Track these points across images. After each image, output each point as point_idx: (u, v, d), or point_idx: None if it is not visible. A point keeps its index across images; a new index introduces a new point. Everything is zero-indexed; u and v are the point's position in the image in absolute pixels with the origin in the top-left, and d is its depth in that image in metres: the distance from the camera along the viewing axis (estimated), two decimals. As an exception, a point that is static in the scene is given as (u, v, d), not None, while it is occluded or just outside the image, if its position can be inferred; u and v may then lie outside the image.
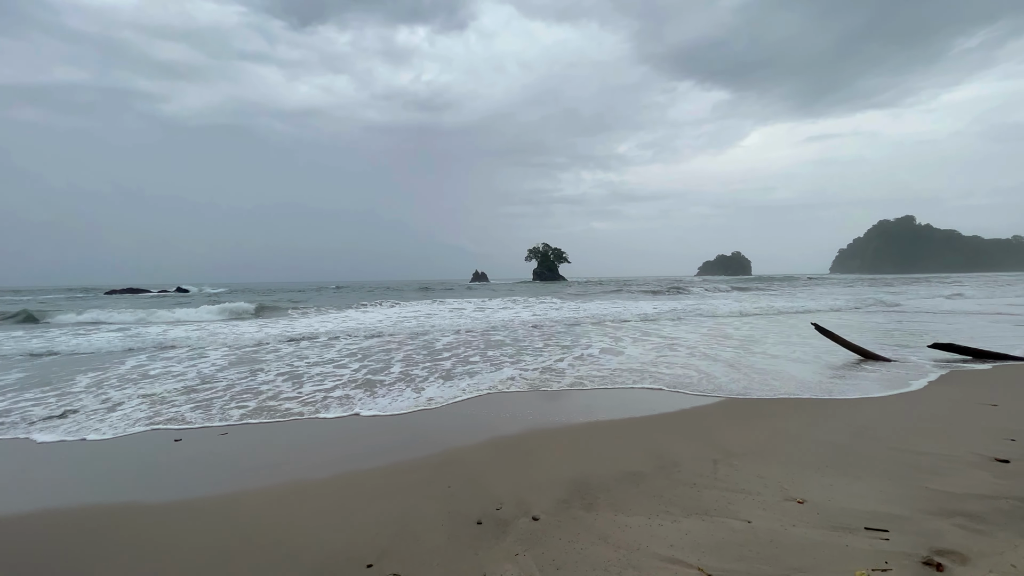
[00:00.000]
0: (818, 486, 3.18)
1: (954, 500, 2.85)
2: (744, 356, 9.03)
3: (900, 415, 4.90)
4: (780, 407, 5.38)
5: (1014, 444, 3.77)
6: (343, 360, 8.98)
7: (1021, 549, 2.27)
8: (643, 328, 14.02)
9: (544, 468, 3.84)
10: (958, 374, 6.88)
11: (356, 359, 9.06)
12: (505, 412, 5.54)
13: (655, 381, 6.85)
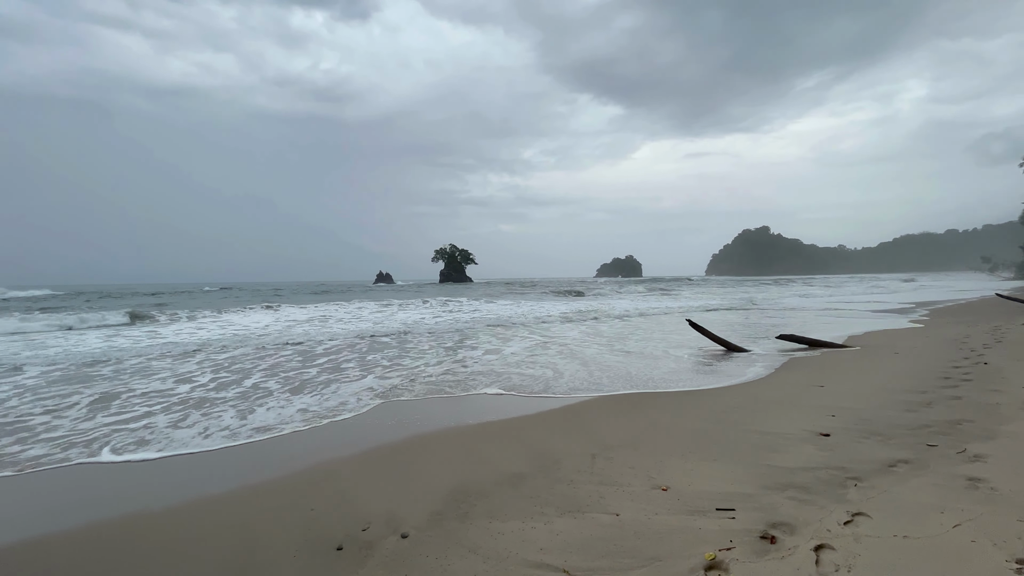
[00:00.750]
0: (681, 472, 3.37)
1: (788, 474, 3.18)
2: (626, 352, 9.63)
3: (753, 399, 5.50)
4: (656, 399, 5.75)
5: (834, 419, 4.39)
6: (196, 373, 7.85)
7: (835, 514, 2.57)
8: (538, 329, 14.36)
9: (424, 478, 3.61)
10: (797, 361, 8.01)
11: (212, 372, 7.97)
12: (388, 420, 5.21)
13: (532, 381, 6.95)
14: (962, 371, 6.08)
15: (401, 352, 9.95)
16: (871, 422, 4.21)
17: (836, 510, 2.62)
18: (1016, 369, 5.92)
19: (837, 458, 3.41)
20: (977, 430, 3.75)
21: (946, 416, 4.19)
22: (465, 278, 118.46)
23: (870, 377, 6.25)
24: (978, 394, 4.90)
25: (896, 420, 4.20)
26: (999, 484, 2.77)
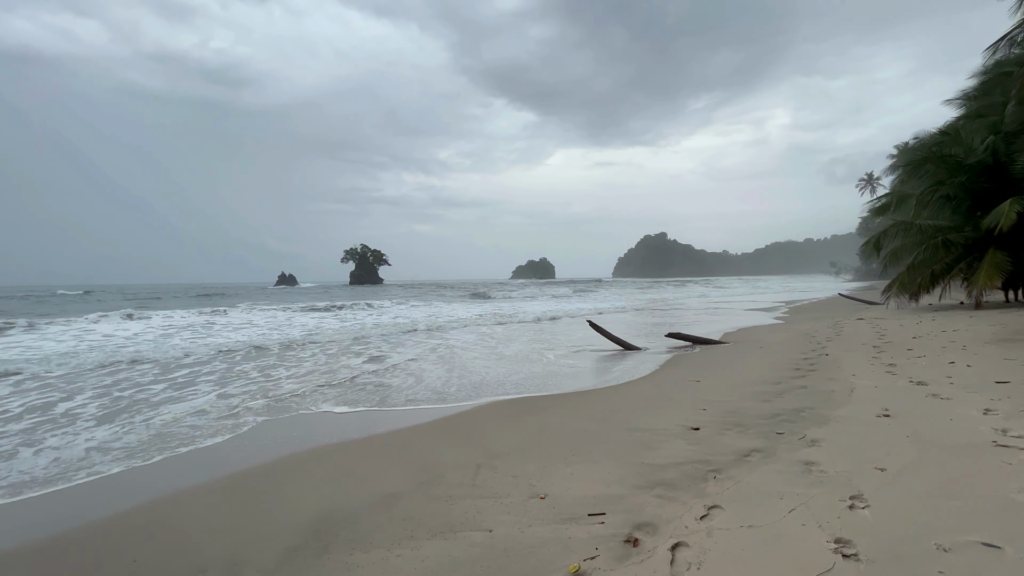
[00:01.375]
0: (562, 477, 3.35)
1: (658, 471, 3.30)
2: (524, 356, 9.75)
3: (639, 397, 5.77)
4: (550, 402, 5.80)
5: (705, 413, 4.73)
6: (28, 395, 6.47)
7: (694, 509, 2.69)
8: (438, 334, 14.08)
9: (286, 507, 3.21)
10: (680, 358, 8.66)
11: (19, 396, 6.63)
12: (254, 443, 4.64)
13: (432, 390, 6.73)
14: (809, 362, 6.97)
15: (280, 363, 9.11)
16: (735, 414, 4.58)
17: (695, 505, 2.73)
18: (848, 359, 6.92)
19: (703, 451, 3.63)
20: (815, 416, 4.23)
21: (793, 404, 4.71)
22: (377, 280, 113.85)
23: (738, 371, 6.91)
24: (819, 382, 5.60)
25: (755, 411, 4.62)
26: (828, 467, 3.10)
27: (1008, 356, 6.01)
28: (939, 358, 6.33)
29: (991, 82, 22.04)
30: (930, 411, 4.07)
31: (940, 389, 4.73)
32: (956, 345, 7.19)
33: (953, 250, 14.87)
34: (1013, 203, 13.03)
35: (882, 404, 4.40)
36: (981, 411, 3.89)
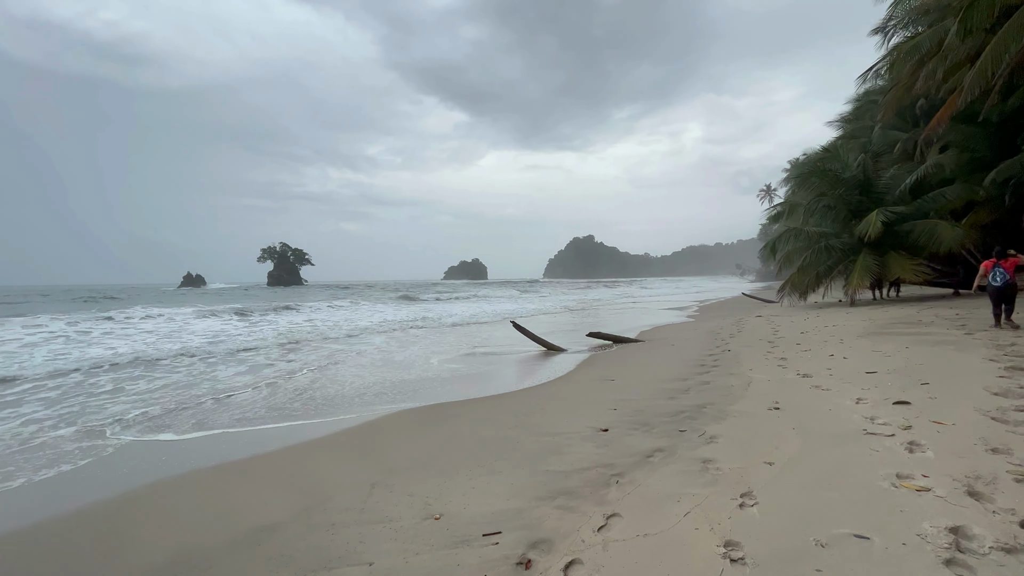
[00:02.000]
0: (462, 492, 3.11)
1: (563, 479, 3.17)
2: (443, 360, 9.44)
3: (555, 398, 5.69)
4: (465, 408, 5.54)
5: (615, 412, 4.73)
6: None
7: (593, 519, 2.57)
8: (348, 341, 13.37)
9: (129, 552, 2.65)
10: (598, 357, 8.82)
11: None
12: (103, 472, 3.90)
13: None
14: (714, 358, 7.36)
15: (149, 376, 8.03)
16: (643, 412, 4.63)
17: (595, 515, 2.61)
18: (747, 354, 7.40)
19: (609, 454, 3.57)
20: (715, 412, 4.38)
21: (697, 401, 4.86)
22: (299, 280, 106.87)
23: (650, 369, 7.11)
24: (721, 378, 5.88)
25: (661, 408, 4.70)
26: (723, 463, 3.14)
27: (875, 348, 6.73)
28: (821, 351, 6.95)
29: (862, 108, 25.33)
30: (813, 402, 4.36)
31: (821, 381, 5.12)
32: (835, 339, 7.98)
33: (833, 254, 16.77)
34: (879, 214, 14.95)
35: (773, 397, 4.66)
36: (854, 401, 4.22)
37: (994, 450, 2.86)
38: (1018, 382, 4.26)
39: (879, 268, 15.05)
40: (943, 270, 16.47)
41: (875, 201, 16.29)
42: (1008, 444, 2.91)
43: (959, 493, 2.39)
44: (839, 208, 16.94)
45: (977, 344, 6.22)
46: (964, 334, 7.14)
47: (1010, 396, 3.87)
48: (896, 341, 7.12)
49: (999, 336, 6.74)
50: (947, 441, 3.07)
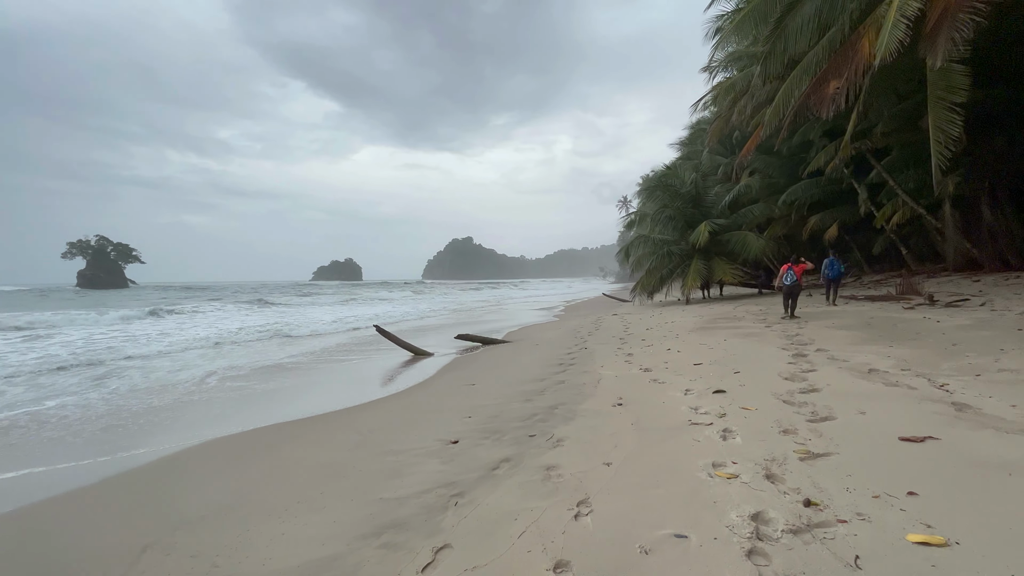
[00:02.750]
0: (266, 542, 2.52)
1: (396, 507, 2.78)
2: (282, 373, 8.39)
3: (409, 409, 5.26)
4: (304, 428, 4.81)
5: (469, 420, 4.49)
6: None
7: (420, 556, 2.23)
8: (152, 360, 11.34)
9: None
10: (464, 360, 8.60)
11: None
12: None
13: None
14: (571, 357, 7.64)
15: None
16: (497, 418, 4.46)
17: (423, 550, 2.28)
18: (600, 351, 7.84)
19: (454, 470, 3.28)
20: (565, 412, 4.40)
21: (551, 401, 4.87)
22: (122, 282, 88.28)
23: (511, 370, 7.09)
24: (576, 376, 6.06)
25: (516, 413, 4.59)
26: (566, 468, 3.07)
27: (702, 342, 7.65)
28: (661, 346, 7.67)
29: (695, 134, 29.57)
30: (651, 396, 4.65)
31: (659, 374, 5.56)
32: (672, 335, 8.93)
33: (674, 259, 19.15)
34: (706, 225, 17.47)
35: (619, 393, 4.87)
36: (683, 392, 4.60)
37: (784, 431, 3.24)
38: (800, 367, 5.08)
39: (707, 271, 17.59)
40: (752, 273, 19.95)
41: (704, 214, 19.03)
42: (794, 424, 3.34)
43: (759, 477, 2.59)
44: (678, 219, 19.42)
45: (774, 335, 7.43)
46: (765, 327, 8.53)
47: (795, 380, 4.56)
48: (718, 335, 8.20)
49: (788, 327, 8.18)
50: (751, 426, 3.42)
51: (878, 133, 14.28)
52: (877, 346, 5.74)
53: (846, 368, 4.80)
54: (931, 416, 3.19)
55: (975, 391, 3.64)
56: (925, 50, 6.84)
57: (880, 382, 4.15)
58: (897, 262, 18.54)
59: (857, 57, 8.28)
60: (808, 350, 5.97)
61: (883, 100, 11.44)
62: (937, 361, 4.68)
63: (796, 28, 9.40)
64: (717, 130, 19.10)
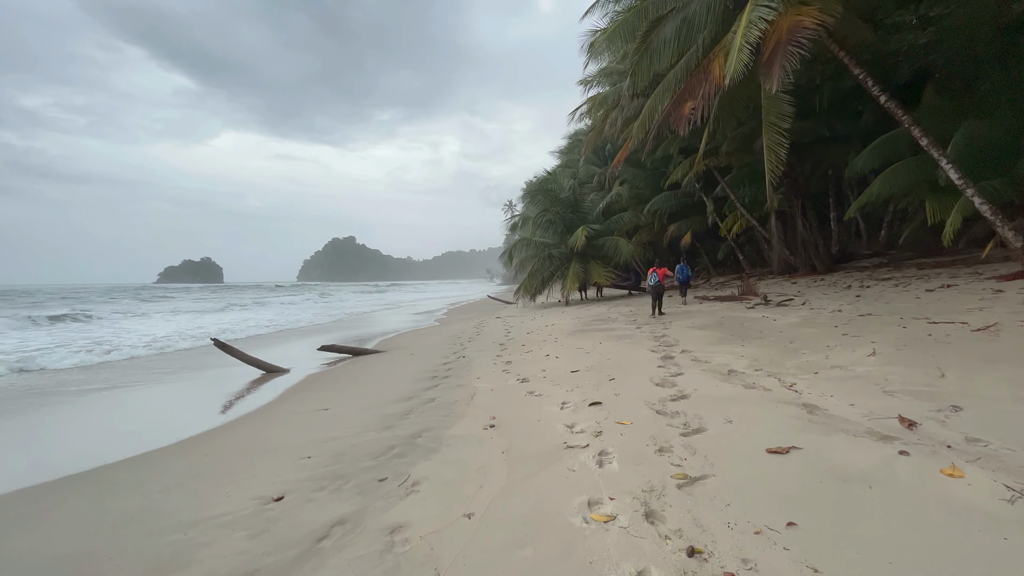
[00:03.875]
0: None
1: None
2: (78, 409, 6.47)
3: (228, 451, 4.10)
4: (51, 496, 3.40)
5: (308, 461, 3.58)
6: None
7: None
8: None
9: None
10: (324, 376, 7.42)
11: None
12: None
13: None
14: (447, 367, 7.00)
15: None
16: (343, 456, 3.62)
17: None
18: (479, 360, 7.34)
19: (262, 548, 2.40)
20: (430, 441, 3.74)
21: (414, 427, 4.16)
22: None
23: (377, 387, 6.21)
24: (448, 391, 5.43)
25: (370, 446, 3.79)
26: (417, 527, 2.41)
27: (579, 345, 7.60)
28: (540, 351, 7.43)
29: (574, 144, 31.14)
30: (526, 412, 4.21)
31: (536, 385, 5.20)
32: (552, 338, 8.82)
33: (554, 262, 19.70)
34: (583, 229, 18.24)
35: (492, 411, 4.36)
36: (559, 406, 4.25)
37: (660, 449, 2.99)
38: (669, 371, 5.12)
39: (584, 274, 18.37)
40: (623, 275, 21.45)
41: (581, 219, 19.92)
42: (669, 440, 3.12)
43: (639, 518, 2.23)
44: (557, 223, 20.03)
45: (643, 337, 7.67)
46: (635, 328, 8.87)
47: (666, 386, 4.51)
48: (593, 338, 8.26)
49: (655, 328, 8.59)
50: (628, 445, 3.13)
51: (723, 152, 16.22)
52: (731, 345, 6.12)
53: (709, 370, 4.92)
54: (788, 421, 3.21)
55: (818, 390, 3.85)
56: (763, 77, 7.66)
57: (740, 384, 4.25)
58: (736, 266, 21.48)
59: (709, 79, 9.06)
60: (674, 352, 6.15)
61: (727, 124, 12.93)
62: (782, 359, 5.04)
63: (660, 45, 10.04)
64: (591, 141, 20.14)
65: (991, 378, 3.59)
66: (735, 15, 9.28)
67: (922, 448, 2.60)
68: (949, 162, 8.25)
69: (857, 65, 8.87)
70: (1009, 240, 8.13)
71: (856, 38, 9.81)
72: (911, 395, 3.45)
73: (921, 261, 12.75)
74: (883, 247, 16.52)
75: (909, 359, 4.39)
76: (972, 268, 9.87)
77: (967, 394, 3.32)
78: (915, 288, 8.89)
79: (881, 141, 10.90)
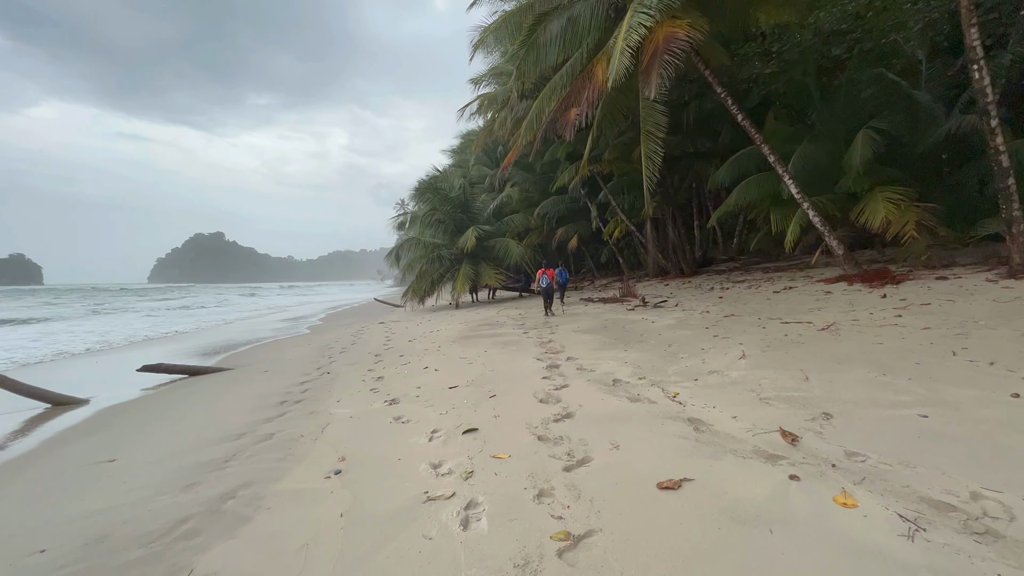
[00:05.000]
0: None
1: None
2: None
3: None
4: None
5: (39, 558, 2.37)
6: None
7: None
8: None
9: None
10: (117, 410, 5.74)
11: None
12: None
13: None
14: (304, 387, 5.85)
15: None
16: (101, 543, 2.48)
17: None
18: (346, 376, 6.29)
19: None
20: (244, 505, 2.75)
21: (231, 483, 3.11)
22: None
23: (200, 420, 4.88)
24: (295, 421, 4.39)
25: (151, 521, 2.68)
26: None
27: (463, 355, 6.96)
28: (419, 363, 6.63)
29: (466, 143, 30.65)
30: (386, 448, 3.42)
31: (406, 407, 4.41)
32: (434, 347, 8.06)
33: (444, 263, 18.89)
34: (473, 230, 17.74)
35: (344, 448, 3.49)
36: (428, 437, 3.54)
37: (540, 494, 2.45)
38: (554, 382, 4.71)
39: (475, 275, 17.87)
40: (515, 277, 21.44)
41: (472, 219, 19.40)
42: (550, 479, 2.60)
43: (506, 617, 1.62)
44: (447, 223, 19.27)
45: (530, 343, 7.30)
46: (523, 333, 8.51)
47: (550, 402, 4.06)
48: (479, 345, 7.69)
49: (543, 331, 8.32)
50: (502, 490, 2.54)
51: (606, 160, 16.95)
52: (615, 351, 5.97)
53: (594, 380, 4.61)
54: (676, 443, 2.90)
55: (700, 400, 3.68)
56: (643, 83, 7.84)
57: (624, 397, 3.95)
58: (617, 269, 22.82)
59: (594, 83, 9.11)
60: (560, 359, 5.82)
61: (609, 132, 13.43)
62: (663, 365, 4.94)
63: (546, 42, 9.90)
64: (481, 140, 19.77)
65: (846, 380, 3.73)
66: (616, 23, 9.50)
67: (809, 468, 2.41)
68: (790, 178, 9.30)
69: (719, 85, 9.62)
70: (834, 248, 9.42)
71: (716, 62, 10.72)
72: (785, 402, 3.41)
73: (765, 265, 14.56)
74: (735, 253, 18.73)
75: (775, 361, 4.52)
76: (804, 272, 11.38)
77: (832, 399, 3.36)
78: (764, 290, 9.90)
79: (736, 157, 12.11)
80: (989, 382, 3.30)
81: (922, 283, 7.54)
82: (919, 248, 8.82)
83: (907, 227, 8.52)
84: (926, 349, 4.30)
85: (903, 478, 2.24)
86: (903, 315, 5.84)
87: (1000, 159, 7.09)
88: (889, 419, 2.91)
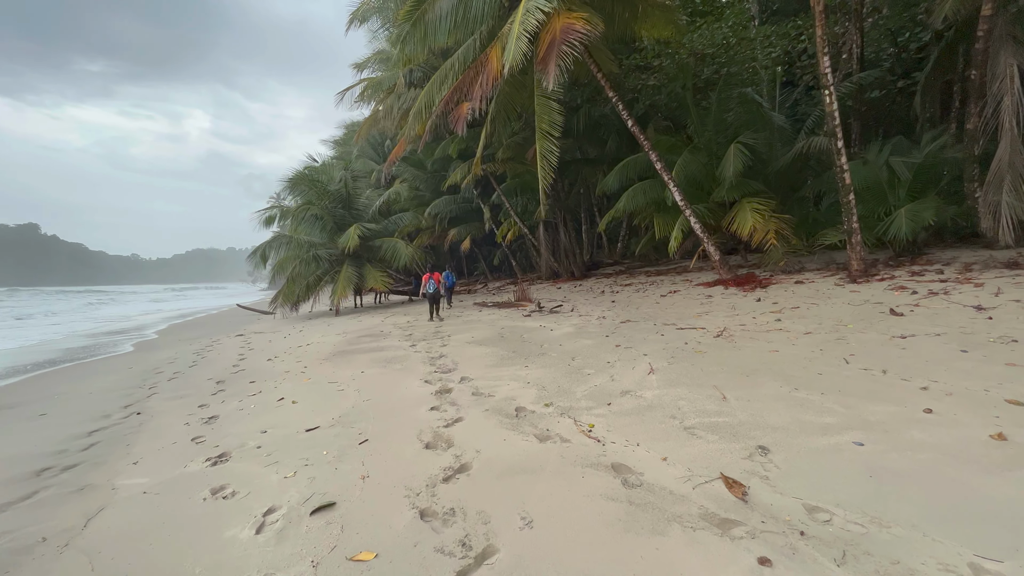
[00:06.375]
0: None
1: None
2: None
3: None
4: None
5: None
6: None
7: None
8: None
9: None
10: None
11: None
12: None
13: None
14: (92, 439, 4.14)
15: None
16: None
17: None
18: (162, 418, 4.66)
19: None
20: None
21: None
22: None
23: None
24: (47, 508, 2.87)
25: None
26: None
27: (333, 378, 5.71)
28: (272, 394, 5.23)
29: (349, 135, 28.11)
30: (180, 557, 2.23)
31: (237, 467, 3.17)
32: (299, 367, 6.62)
33: (322, 264, 16.75)
34: (356, 228, 15.97)
35: (107, 563, 2.21)
36: (257, 524, 2.42)
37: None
38: (445, 415, 3.84)
39: (359, 278, 16.11)
40: (404, 280, 19.98)
41: (355, 216, 17.54)
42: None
43: None
44: (326, 219, 17.15)
45: (418, 360, 6.30)
46: (410, 346, 7.46)
47: (438, 448, 3.18)
48: (357, 363, 6.47)
49: (433, 344, 7.36)
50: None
51: (499, 159, 16.48)
52: (514, 367, 5.29)
53: (493, 410, 3.83)
54: (604, 508, 2.23)
55: (620, 434, 3.11)
56: (540, 72, 7.34)
57: (532, 434, 3.23)
58: (510, 271, 22.64)
59: (488, 70, 8.42)
60: (452, 380, 4.94)
61: (503, 129, 12.95)
62: (569, 385, 4.36)
63: (435, 19, 8.96)
64: (365, 130, 18.07)
65: (762, 397, 3.47)
66: (511, 12, 8.95)
67: (775, 540, 1.89)
68: (675, 185, 9.61)
69: (611, 89, 9.61)
70: (711, 253, 9.99)
71: (607, 69, 10.79)
72: (712, 431, 2.97)
73: (648, 269, 15.34)
74: (620, 256, 19.67)
75: (684, 375, 4.20)
76: (683, 276, 12.05)
77: (759, 424, 3.01)
78: (652, 294, 10.15)
79: (625, 164, 12.42)
80: (895, 395, 3.24)
81: (784, 287, 8.18)
82: (777, 255, 9.73)
83: (769, 235, 9.31)
84: (819, 357, 4.31)
85: (885, 547, 1.82)
86: (782, 319, 6.09)
87: (844, 176, 7.97)
88: (827, 451, 2.59)
